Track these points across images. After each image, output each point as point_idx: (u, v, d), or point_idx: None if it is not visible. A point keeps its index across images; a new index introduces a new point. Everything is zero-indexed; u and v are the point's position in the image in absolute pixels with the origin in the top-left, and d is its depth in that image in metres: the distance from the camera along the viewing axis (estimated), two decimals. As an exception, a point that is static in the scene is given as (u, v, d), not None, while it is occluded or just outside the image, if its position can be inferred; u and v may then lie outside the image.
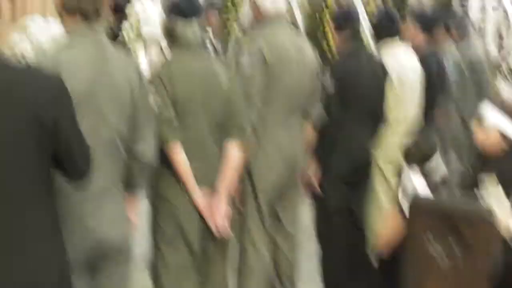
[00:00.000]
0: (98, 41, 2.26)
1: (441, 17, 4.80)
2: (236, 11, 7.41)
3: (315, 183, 3.66)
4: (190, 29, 2.80)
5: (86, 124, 2.11)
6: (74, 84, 2.09)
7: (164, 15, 2.92)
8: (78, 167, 1.94)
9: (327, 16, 6.75)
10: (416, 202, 2.36)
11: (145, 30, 4.67)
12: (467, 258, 2.26)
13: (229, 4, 7.43)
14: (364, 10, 6.26)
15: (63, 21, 2.27)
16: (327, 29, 6.71)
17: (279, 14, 3.31)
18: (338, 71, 3.68)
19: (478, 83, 5.07)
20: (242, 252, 3.26)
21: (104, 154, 2.22)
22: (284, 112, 3.25)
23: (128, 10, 4.64)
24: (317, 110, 3.47)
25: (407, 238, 2.38)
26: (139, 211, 2.53)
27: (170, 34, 2.86)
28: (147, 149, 2.41)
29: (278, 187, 3.29)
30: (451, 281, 2.30)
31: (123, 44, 4.43)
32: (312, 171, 3.65)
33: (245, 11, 6.80)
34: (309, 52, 3.39)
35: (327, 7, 7.04)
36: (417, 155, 2.77)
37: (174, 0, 2.85)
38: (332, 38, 6.23)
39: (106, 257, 2.27)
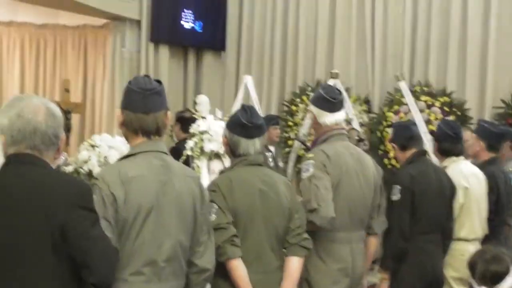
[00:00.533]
0: (162, 157, 2.40)
1: (507, 134, 4.81)
2: (295, 126, 7.60)
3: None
4: (253, 148, 2.88)
5: (148, 237, 2.24)
6: (141, 198, 2.24)
7: (227, 132, 2.95)
8: (96, 272, 2.04)
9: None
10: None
11: (209, 147, 4.82)
12: None
13: (289, 120, 7.68)
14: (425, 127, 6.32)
15: (127, 139, 2.42)
16: (388, 147, 6.78)
17: (339, 128, 3.40)
18: (403, 177, 3.69)
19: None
20: None
21: (168, 268, 2.31)
22: (345, 227, 3.24)
23: (192, 129, 4.85)
24: (382, 224, 3.47)
25: None
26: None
27: (233, 150, 2.92)
28: (207, 263, 2.48)
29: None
30: None
31: (186, 161, 4.61)
32: (382, 283, 3.66)
33: (304, 127, 7.02)
34: (370, 165, 3.41)
35: (387, 125, 7.15)
36: (487, 275, 2.65)
37: (238, 121, 2.89)
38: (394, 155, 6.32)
39: None
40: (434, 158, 4.56)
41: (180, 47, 8.35)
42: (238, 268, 2.71)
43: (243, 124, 2.86)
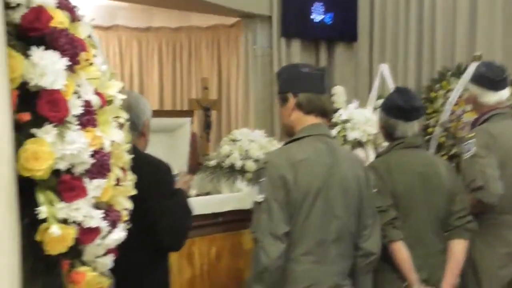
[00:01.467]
0: (327, 140, 2.47)
1: None
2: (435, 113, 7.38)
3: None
4: (411, 130, 2.88)
5: (317, 218, 2.29)
6: (310, 181, 2.30)
7: (383, 115, 2.98)
8: (164, 241, 2.42)
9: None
10: None
11: (352, 135, 4.83)
12: None
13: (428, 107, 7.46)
14: None
15: (295, 125, 2.47)
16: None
17: (502, 107, 3.31)
18: None
19: None
20: None
21: (335, 249, 2.35)
22: (511, 210, 3.19)
23: (334, 119, 4.88)
24: None
25: None
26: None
27: (389, 134, 2.94)
28: (373, 247, 2.51)
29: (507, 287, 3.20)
30: None
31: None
32: None
33: (445, 114, 6.80)
34: None
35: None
36: None
37: (394, 104, 2.89)
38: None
39: None
40: None
41: (312, 40, 8.38)
42: (401, 250, 2.72)
43: (399, 107, 2.85)
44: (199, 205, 5.71)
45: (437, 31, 7.85)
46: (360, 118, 4.93)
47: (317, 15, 8.10)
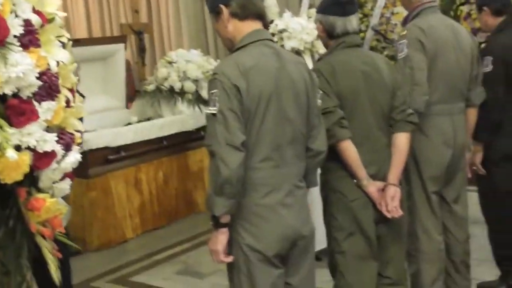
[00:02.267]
0: (271, 45, 2.43)
1: None
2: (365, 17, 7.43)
3: (479, 166, 3.66)
4: (350, 25, 2.85)
5: (272, 123, 2.31)
6: (261, 87, 2.28)
7: (320, 16, 2.91)
8: None
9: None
10: None
11: (289, 45, 4.82)
12: None
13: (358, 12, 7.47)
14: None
15: (235, 32, 2.40)
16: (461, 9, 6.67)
17: (430, 1, 3.31)
18: (495, 47, 3.59)
19: None
20: (414, 240, 3.29)
21: (291, 152, 2.38)
22: (445, 100, 3.24)
23: (271, 29, 4.85)
24: (480, 95, 3.45)
25: None
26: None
27: (329, 34, 2.88)
28: (321, 146, 2.53)
29: (445, 174, 3.30)
30: None
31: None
32: (476, 154, 3.66)
33: (375, 17, 6.86)
34: (465, 35, 3.36)
35: (460, 3, 6.94)
36: None
37: (331, 1, 2.86)
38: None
39: (298, 247, 2.44)
40: None
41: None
42: (348, 148, 2.75)
43: (335, 2, 2.85)
44: (142, 131, 5.71)
45: None
46: (296, 27, 4.92)
47: None
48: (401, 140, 2.90)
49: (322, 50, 4.84)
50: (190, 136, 6.07)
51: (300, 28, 4.93)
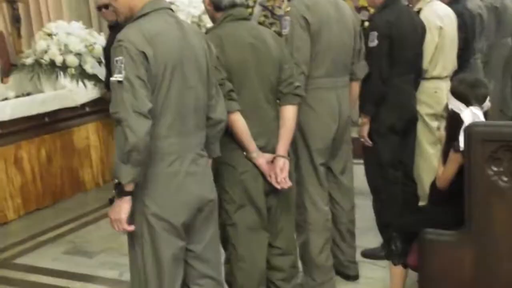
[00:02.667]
0: (171, 14, 2.46)
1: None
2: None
3: (366, 138, 3.80)
4: None
5: (176, 92, 2.35)
6: (167, 54, 2.31)
7: None
8: None
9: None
10: (474, 130, 2.47)
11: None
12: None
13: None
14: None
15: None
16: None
17: None
18: (380, 24, 3.70)
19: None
20: (302, 211, 3.40)
21: (193, 121, 2.44)
22: (329, 74, 3.35)
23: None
24: (363, 69, 3.58)
25: (469, 164, 2.49)
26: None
27: (217, 5, 2.89)
28: (220, 115, 2.60)
29: (331, 146, 3.42)
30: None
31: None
32: (363, 126, 3.79)
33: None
34: (348, 11, 3.47)
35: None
36: (473, 96, 2.85)
37: None
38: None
39: (202, 212, 2.53)
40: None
41: None
42: (238, 121, 2.79)
43: None
44: (21, 107, 5.46)
45: None
46: (183, 0, 4.93)
47: None
48: (289, 113, 2.98)
49: (209, 24, 4.87)
50: (74, 112, 5.91)
51: (187, 2, 4.94)
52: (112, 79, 2.26)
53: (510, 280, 2.51)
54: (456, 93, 2.89)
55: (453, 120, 2.82)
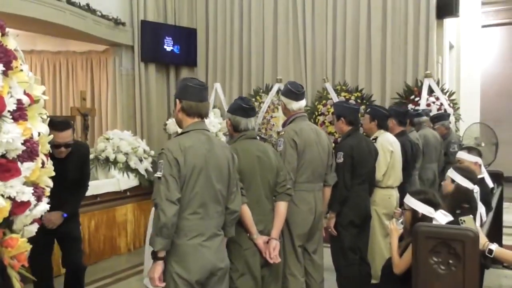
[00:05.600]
0: (206, 133, 2.52)
1: (407, 114, 5.07)
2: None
3: (333, 229, 3.72)
4: (250, 124, 2.93)
5: (200, 188, 2.39)
6: (195, 161, 2.38)
7: (230, 115, 2.96)
8: None
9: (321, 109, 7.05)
10: (420, 229, 2.40)
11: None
12: (459, 265, 2.32)
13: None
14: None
15: (181, 122, 2.50)
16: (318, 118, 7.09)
17: (302, 112, 3.45)
18: (346, 147, 3.73)
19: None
20: (285, 280, 3.25)
21: (213, 209, 2.44)
22: (310, 180, 3.33)
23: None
24: (333, 178, 3.56)
25: (416, 255, 2.40)
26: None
27: (235, 128, 2.93)
28: (236, 207, 2.59)
29: (308, 232, 3.34)
30: (449, 283, 2.34)
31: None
32: (331, 219, 3.72)
33: (258, 119, 7.16)
34: (325, 136, 3.51)
35: (318, 113, 7.36)
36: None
37: (239, 106, 2.91)
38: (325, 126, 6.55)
39: (215, 276, 2.46)
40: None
41: (163, 65, 8.29)
42: (245, 211, 2.75)
43: (243, 107, 2.90)
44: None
45: (252, 61, 8.14)
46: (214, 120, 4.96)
47: (168, 46, 8.03)
48: (281, 207, 2.95)
49: (222, 138, 4.88)
50: (118, 195, 5.79)
51: (207, 122, 4.97)
52: (155, 175, 2.37)
53: None
54: (426, 201, 2.76)
55: (416, 220, 2.69)
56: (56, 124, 3.17)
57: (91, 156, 5.85)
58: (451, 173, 3.25)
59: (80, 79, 8.42)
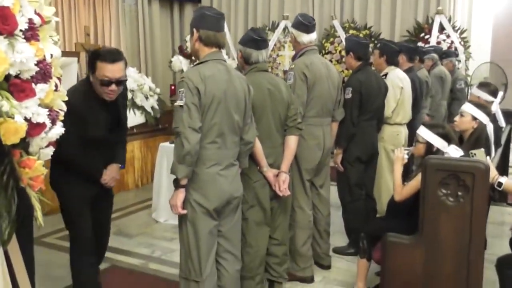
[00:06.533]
0: (223, 63, 2.47)
1: (417, 51, 4.97)
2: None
3: (339, 164, 3.74)
4: (261, 57, 2.86)
5: (219, 118, 2.37)
6: (215, 91, 2.35)
7: (241, 47, 2.87)
8: None
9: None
10: (429, 162, 2.39)
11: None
12: (467, 197, 2.33)
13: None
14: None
15: (198, 51, 2.44)
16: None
17: (312, 45, 3.39)
18: (354, 82, 3.65)
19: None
20: (292, 213, 3.30)
21: (230, 139, 2.44)
22: (319, 115, 3.31)
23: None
24: (341, 114, 3.54)
25: (424, 187, 2.40)
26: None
27: (246, 60, 2.87)
28: (251, 137, 2.59)
29: (316, 167, 3.36)
30: (457, 215, 2.37)
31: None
32: (337, 156, 3.72)
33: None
34: (335, 71, 3.45)
35: (325, 52, 7.22)
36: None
37: (250, 37, 2.83)
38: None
39: (231, 205, 2.51)
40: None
41: (167, 0, 8.05)
42: (256, 144, 2.74)
43: (254, 39, 2.82)
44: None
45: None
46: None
47: (171, -19, 7.77)
48: (292, 141, 2.94)
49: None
50: (125, 132, 5.79)
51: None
52: (175, 104, 2.32)
53: (450, 273, 2.42)
54: (442, 135, 2.76)
55: (429, 153, 2.69)
56: (105, 54, 2.47)
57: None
58: (473, 110, 3.12)
59: (82, 15, 8.17)
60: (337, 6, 7.45)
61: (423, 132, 2.79)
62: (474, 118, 3.10)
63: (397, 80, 4.06)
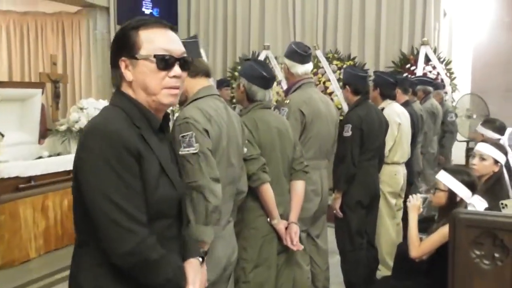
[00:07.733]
0: (220, 99, 2.08)
1: (414, 83, 4.74)
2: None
3: (338, 210, 3.34)
4: (268, 95, 2.53)
5: (222, 168, 1.93)
6: (219, 133, 1.93)
7: (245, 82, 2.49)
8: None
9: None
10: (459, 216, 2.03)
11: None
12: (506, 260, 1.97)
13: (234, 83, 7.24)
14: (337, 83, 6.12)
15: (188, 84, 1.98)
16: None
17: (308, 78, 3.07)
18: (354, 118, 3.30)
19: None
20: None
21: (230, 191, 2.04)
22: (316, 157, 2.96)
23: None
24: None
25: (454, 246, 2.03)
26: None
27: (250, 97, 2.51)
28: (243, 187, 2.20)
29: (313, 216, 2.98)
30: (494, 280, 2.00)
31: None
32: (336, 200, 3.33)
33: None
34: (333, 108, 3.13)
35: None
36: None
37: (259, 74, 2.47)
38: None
39: (226, 272, 2.06)
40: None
41: (141, 28, 7.68)
42: (269, 190, 2.36)
43: (263, 77, 2.46)
44: (52, 164, 4.83)
45: (237, 26, 7.62)
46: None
47: (146, 8, 7.43)
48: (300, 186, 2.59)
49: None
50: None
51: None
52: (183, 152, 1.80)
53: None
54: (468, 183, 2.41)
55: (452, 204, 2.38)
56: (149, 19, 1.36)
57: (63, 128, 5.34)
58: (495, 153, 2.77)
59: (50, 43, 7.76)
60: (320, 35, 7.21)
61: (446, 179, 2.41)
62: (496, 162, 2.75)
63: (395, 116, 3.72)
